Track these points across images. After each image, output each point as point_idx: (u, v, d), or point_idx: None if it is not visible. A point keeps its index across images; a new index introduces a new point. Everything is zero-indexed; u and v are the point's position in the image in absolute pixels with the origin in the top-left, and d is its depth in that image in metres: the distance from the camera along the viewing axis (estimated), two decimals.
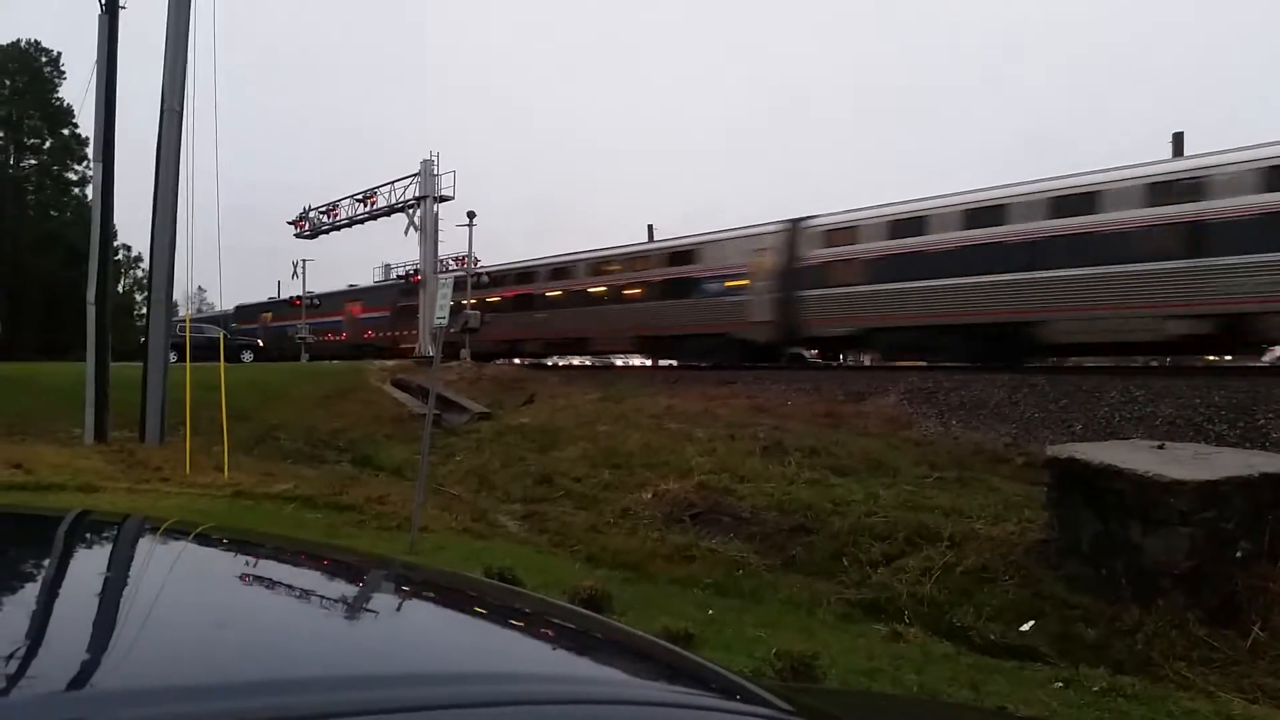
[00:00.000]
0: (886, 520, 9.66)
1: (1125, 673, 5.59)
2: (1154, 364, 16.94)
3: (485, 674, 0.97)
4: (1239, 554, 6.53)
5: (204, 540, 1.67)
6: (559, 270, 32.63)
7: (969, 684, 5.25)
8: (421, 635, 1.20)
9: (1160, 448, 8.20)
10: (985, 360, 19.33)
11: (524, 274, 34.63)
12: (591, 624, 1.53)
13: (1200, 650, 6.08)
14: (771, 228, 25.35)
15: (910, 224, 21.49)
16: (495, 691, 0.88)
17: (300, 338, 44.45)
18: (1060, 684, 5.30)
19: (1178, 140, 22.13)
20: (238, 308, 56.18)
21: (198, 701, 0.73)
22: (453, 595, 1.55)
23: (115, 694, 0.76)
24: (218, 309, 57.39)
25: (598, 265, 31.11)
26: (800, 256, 24.01)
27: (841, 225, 23.34)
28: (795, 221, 24.82)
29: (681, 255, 27.73)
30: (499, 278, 35.52)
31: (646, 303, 28.31)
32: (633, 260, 29.65)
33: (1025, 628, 6.95)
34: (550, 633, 1.35)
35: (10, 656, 0.81)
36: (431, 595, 1.52)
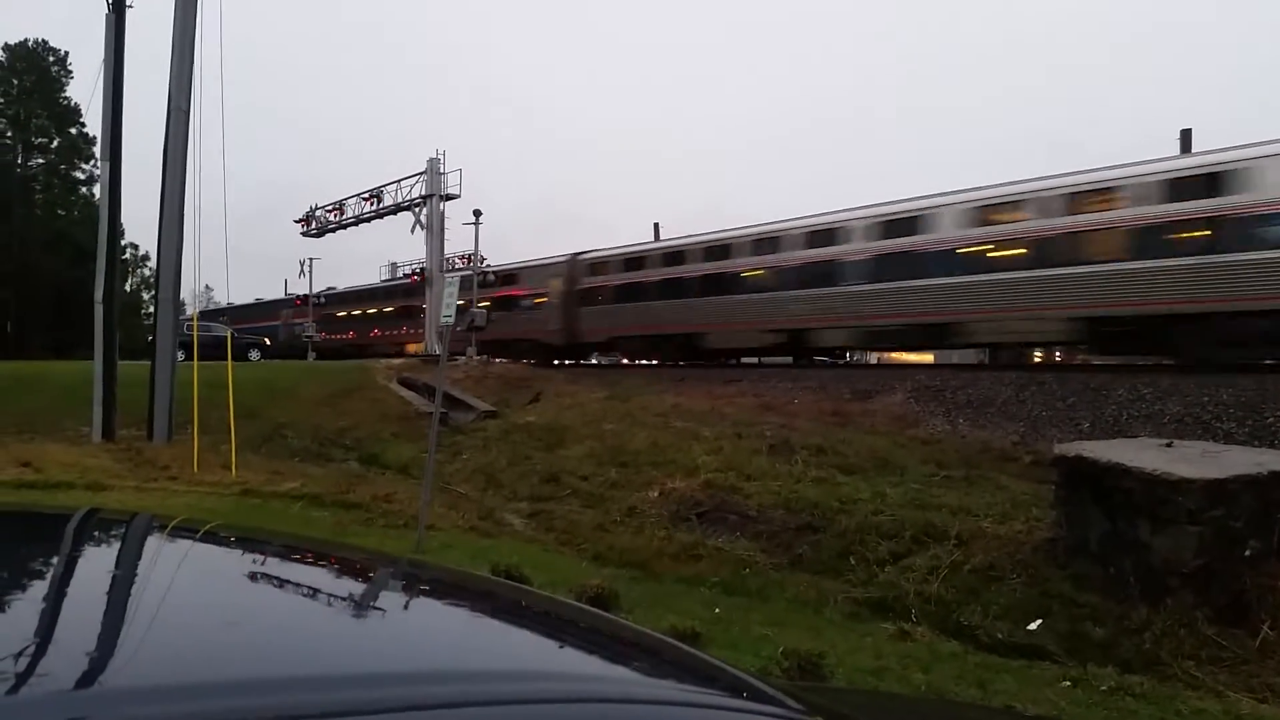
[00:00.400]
0: (894, 519, 9.65)
1: (1133, 672, 5.57)
2: (1166, 362, 17.03)
3: (495, 672, 0.97)
4: (1248, 553, 6.50)
5: (212, 538, 1.67)
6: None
7: (976, 683, 5.24)
8: (430, 633, 1.20)
9: (1168, 446, 8.17)
10: (667, 359, 28.27)
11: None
12: (600, 622, 1.53)
13: (1209, 649, 6.06)
14: (561, 258, 33.11)
15: (637, 260, 30.16)
16: (505, 690, 0.87)
17: (307, 336, 44.54)
18: (1068, 683, 5.29)
19: (1185, 137, 22.10)
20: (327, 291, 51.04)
21: (206, 700, 0.73)
22: (461, 593, 1.55)
23: (124, 692, 0.76)
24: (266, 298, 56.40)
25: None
26: (577, 281, 32.10)
27: (600, 259, 31.83)
28: (575, 254, 32.89)
29: (509, 277, 36.16)
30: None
31: (495, 313, 34.27)
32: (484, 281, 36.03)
33: (1033, 626, 6.93)
34: (559, 631, 1.35)
35: (19, 654, 0.81)
36: (440, 593, 1.53)
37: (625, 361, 32.51)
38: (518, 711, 0.84)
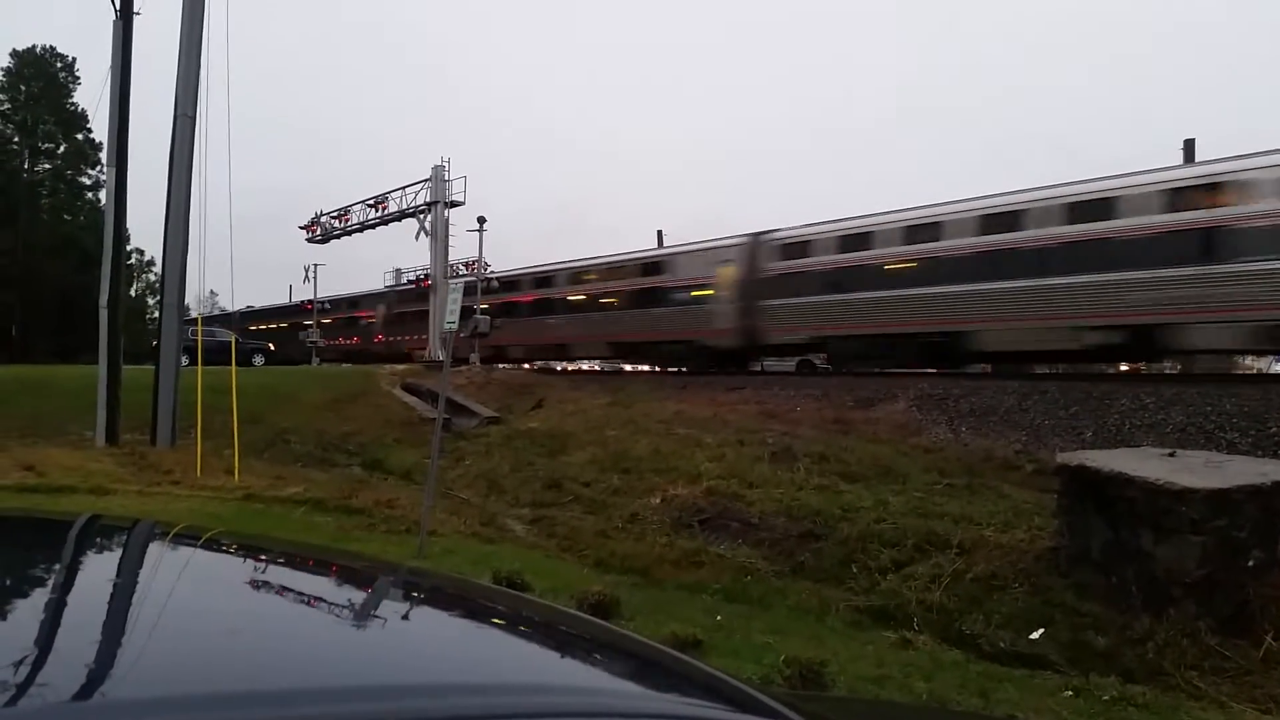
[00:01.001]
0: (896, 527, 9.62)
1: (1136, 682, 5.56)
2: (1170, 371, 16.99)
3: (497, 685, 0.97)
4: (1251, 563, 6.48)
5: (213, 546, 1.68)
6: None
7: (979, 692, 5.23)
8: (431, 644, 1.20)
9: (1171, 455, 8.16)
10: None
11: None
12: (600, 632, 1.53)
13: (1212, 659, 6.03)
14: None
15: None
16: (505, 703, 0.87)
17: (311, 342, 44.63)
18: (1070, 692, 5.28)
19: (1189, 147, 22.04)
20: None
21: (207, 711, 0.73)
22: (462, 603, 1.55)
23: (124, 704, 0.76)
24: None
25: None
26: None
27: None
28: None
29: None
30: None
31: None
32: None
33: (1035, 635, 6.91)
34: (559, 642, 1.35)
35: (19, 664, 0.81)
36: (441, 603, 1.53)
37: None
38: None
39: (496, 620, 1.45)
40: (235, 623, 1.11)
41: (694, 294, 28.41)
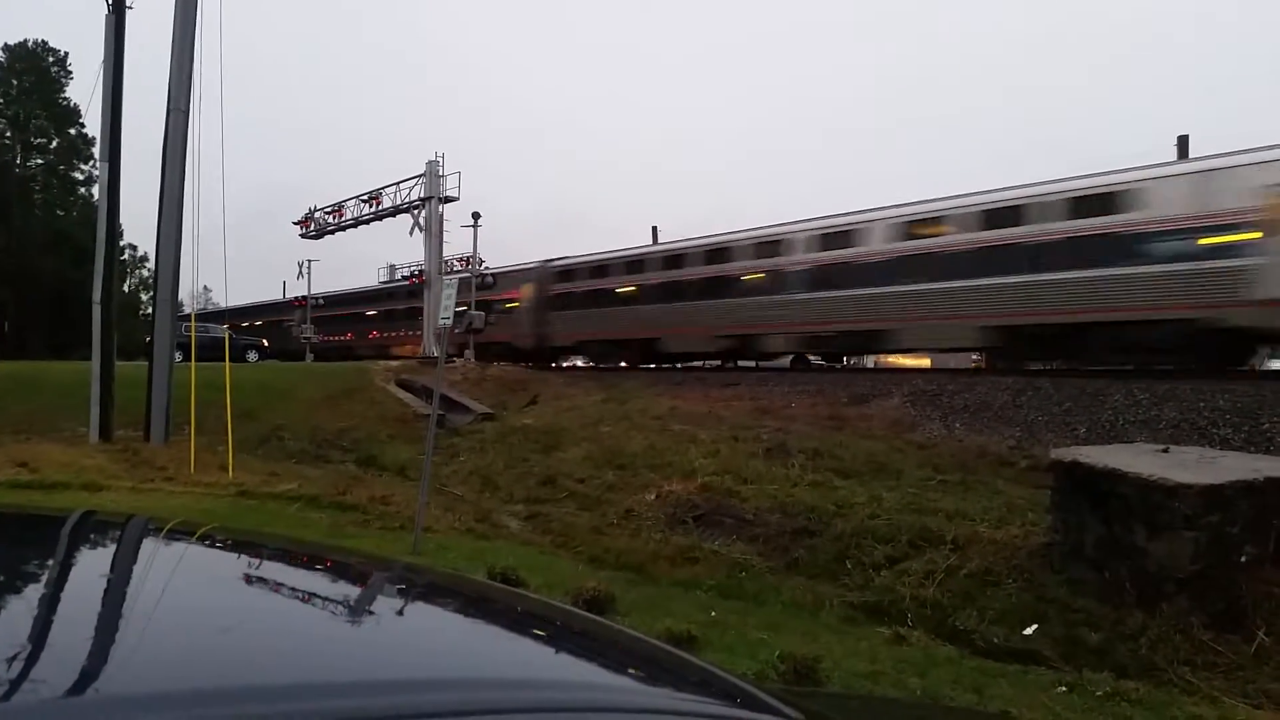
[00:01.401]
0: (890, 523, 9.65)
1: (1129, 677, 5.58)
2: (1166, 367, 17.10)
3: (491, 680, 0.96)
4: (1244, 558, 6.51)
5: (207, 541, 1.67)
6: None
7: (972, 687, 5.24)
8: (427, 640, 1.20)
9: (1165, 451, 8.19)
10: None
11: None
12: (597, 628, 1.53)
13: (1204, 655, 6.06)
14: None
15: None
16: (501, 698, 0.87)
17: (305, 338, 44.53)
18: (1064, 688, 5.29)
19: (1183, 143, 22.10)
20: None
21: (201, 707, 0.73)
22: (458, 599, 1.55)
23: (119, 699, 0.76)
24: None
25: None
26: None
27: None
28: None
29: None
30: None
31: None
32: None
33: (1028, 631, 6.94)
34: (556, 638, 1.34)
35: (12, 660, 0.80)
36: (437, 599, 1.52)
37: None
38: None
39: (492, 616, 1.44)
40: (230, 618, 1.10)
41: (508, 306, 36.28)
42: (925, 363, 30.67)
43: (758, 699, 1.06)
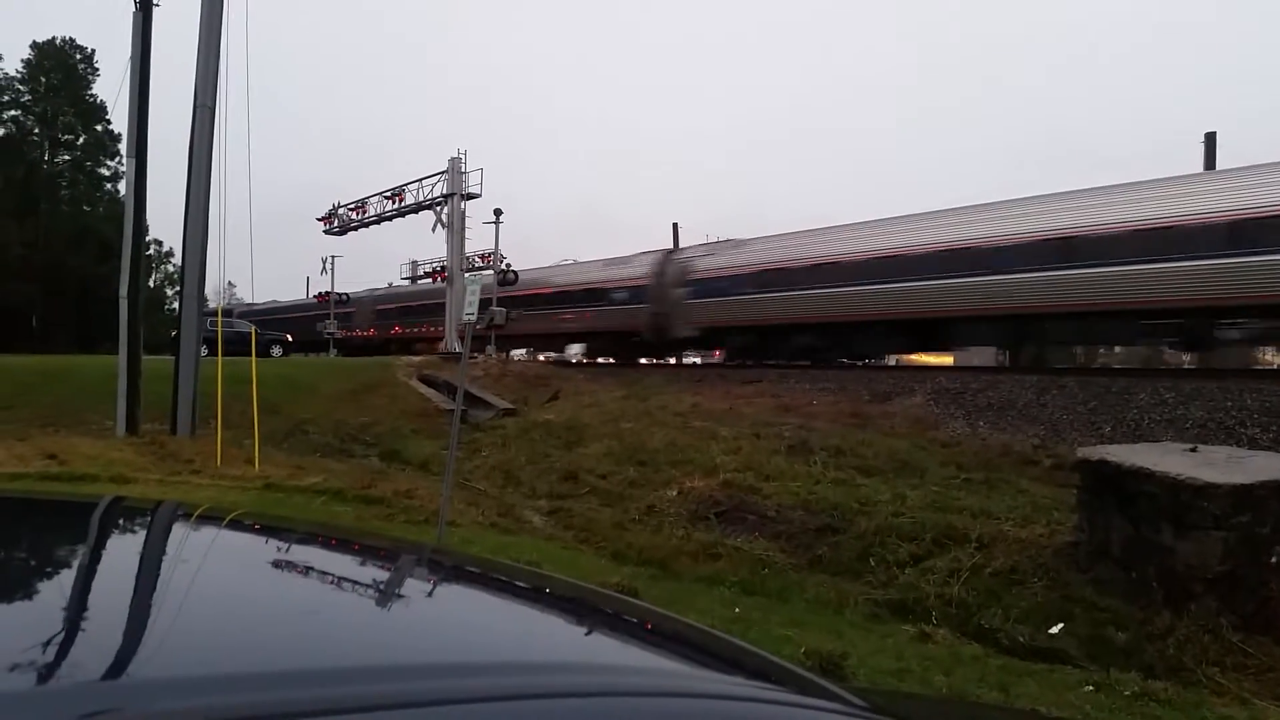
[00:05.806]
0: (914, 521, 9.60)
1: (1156, 677, 5.52)
2: (1189, 366, 16.96)
3: (528, 664, 0.95)
4: (1274, 559, 6.44)
5: (238, 526, 1.68)
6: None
7: (998, 686, 5.22)
8: (464, 624, 1.19)
9: (1193, 450, 8.10)
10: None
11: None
12: (650, 615, 1.51)
13: (1234, 656, 6.00)
14: None
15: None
16: (538, 682, 0.84)
17: (329, 334, 44.82)
18: (1091, 687, 5.25)
19: (1210, 141, 21.85)
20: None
21: (235, 692, 0.71)
22: (490, 582, 1.53)
23: (154, 683, 0.76)
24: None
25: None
26: None
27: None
28: None
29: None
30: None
31: None
32: None
33: (1054, 630, 6.89)
34: (606, 623, 1.33)
35: (47, 644, 0.81)
36: (471, 582, 1.52)
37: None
38: (570, 706, 0.81)
39: (527, 599, 1.43)
40: (261, 602, 1.10)
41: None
42: (948, 360, 30.46)
43: (825, 688, 1.04)
